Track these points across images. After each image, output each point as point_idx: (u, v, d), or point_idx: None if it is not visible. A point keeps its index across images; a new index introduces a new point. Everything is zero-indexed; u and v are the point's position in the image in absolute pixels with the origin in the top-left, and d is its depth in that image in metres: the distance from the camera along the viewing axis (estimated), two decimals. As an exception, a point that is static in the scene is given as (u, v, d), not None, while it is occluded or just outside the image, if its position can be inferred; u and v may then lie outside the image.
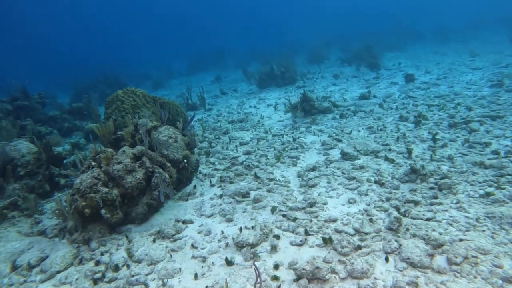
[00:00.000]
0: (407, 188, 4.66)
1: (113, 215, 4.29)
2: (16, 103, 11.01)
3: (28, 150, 6.04)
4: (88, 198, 4.14)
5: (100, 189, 4.26)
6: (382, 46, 19.48)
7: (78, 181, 4.28)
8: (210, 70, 26.94)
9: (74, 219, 4.21)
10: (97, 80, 20.81)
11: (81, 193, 4.20)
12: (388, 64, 16.23)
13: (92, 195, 4.17)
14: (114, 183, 4.46)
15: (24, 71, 37.54)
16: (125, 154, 4.69)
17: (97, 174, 4.33)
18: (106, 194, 4.25)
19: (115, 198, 4.29)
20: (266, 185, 5.32)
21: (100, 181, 4.32)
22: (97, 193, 4.22)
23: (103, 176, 4.38)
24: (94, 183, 4.27)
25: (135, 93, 7.18)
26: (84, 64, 34.22)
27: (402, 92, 10.46)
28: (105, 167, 4.49)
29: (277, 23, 51.95)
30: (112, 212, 4.30)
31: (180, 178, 5.50)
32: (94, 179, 4.29)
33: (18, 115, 10.82)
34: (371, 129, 7.39)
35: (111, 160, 4.55)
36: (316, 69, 18.08)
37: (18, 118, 10.56)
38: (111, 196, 4.27)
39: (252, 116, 10.11)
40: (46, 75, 32.54)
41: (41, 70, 38.30)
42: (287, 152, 6.64)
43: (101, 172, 4.40)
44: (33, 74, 33.94)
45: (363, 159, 5.88)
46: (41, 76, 32.80)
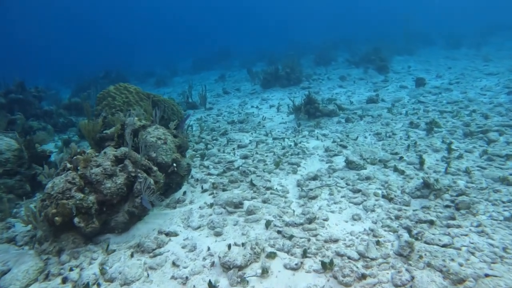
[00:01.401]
0: (419, 204, 4.15)
1: (87, 224, 3.83)
2: (10, 96, 10.61)
3: (8, 147, 5.61)
4: (60, 205, 3.69)
5: (74, 194, 3.80)
6: (391, 49, 18.90)
7: (50, 185, 3.83)
8: (215, 69, 26.48)
9: (44, 227, 3.76)
10: (100, 76, 20.45)
11: (52, 198, 3.75)
12: (397, 67, 15.66)
13: (64, 202, 3.71)
14: (92, 188, 4.00)
15: (32, 66, 37.40)
16: (106, 156, 4.23)
17: (71, 178, 3.87)
18: (81, 201, 3.79)
19: (90, 205, 3.83)
20: (262, 195, 4.84)
21: (74, 185, 3.86)
22: (71, 199, 3.76)
23: (79, 180, 3.92)
24: (67, 187, 3.81)
25: (128, 89, 6.74)
26: (90, 60, 33.97)
27: (412, 96, 9.92)
28: (82, 170, 4.03)
29: (285, 24, 51.43)
30: (87, 221, 3.84)
31: (169, 183, 5.03)
32: (68, 184, 3.83)
33: (12, 108, 10.44)
34: (378, 135, 6.88)
35: (89, 163, 4.09)
36: (323, 70, 17.56)
37: (11, 112, 10.18)
38: (86, 203, 3.81)
39: (253, 117, 9.63)
40: (52, 70, 32.30)
41: (48, 65, 38.07)
42: (287, 158, 6.15)
43: (77, 176, 3.94)
44: (40, 69, 33.78)
45: (370, 169, 5.37)
46: (47, 71, 32.60)
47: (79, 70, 25.15)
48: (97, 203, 3.96)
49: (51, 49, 54.11)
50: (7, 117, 8.47)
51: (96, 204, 3.92)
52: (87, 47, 52.68)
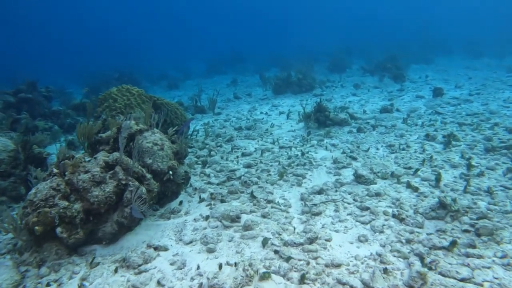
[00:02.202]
0: (434, 227, 3.74)
1: (71, 235, 3.57)
2: (19, 96, 10.62)
3: (3, 147, 5.46)
4: (42, 213, 3.44)
5: (57, 202, 3.55)
6: (408, 58, 18.35)
7: (33, 191, 3.60)
8: (229, 73, 26.40)
9: (24, 237, 3.52)
10: (112, 77, 20.56)
11: (34, 206, 3.51)
12: (414, 76, 15.13)
13: (46, 210, 3.47)
14: (78, 196, 3.75)
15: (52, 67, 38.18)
16: (96, 161, 3.98)
17: (56, 184, 3.63)
18: (65, 209, 3.54)
19: (75, 214, 3.58)
20: (261, 208, 4.50)
21: (59, 192, 3.61)
22: (54, 208, 3.52)
23: (64, 187, 3.68)
24: (51, 195, 3.57)
25: (130, 92, 6.54)
26: (107, 62, 34.39)
27: (429, 107, 9.43)
28: (69, 176, 3.79)
29: (301, 30, 51.16)
30: (71, 231, 3.59)
31: (164, 191, 4.75)
32: (52, 190, 3.59)
33: (21, 108, 10.43)
34: (391, 147, 6.46)
35: (77, 168, 3.85)
36: (337, 77, 17.15)
37: (20, 111, 10.17)
38: (70, 212, 3.56)
39: (261, 124, 9.31)
40: (71, 71, 32.79)
41: (68, 66, 38.80)
42: (292, 169, 5.80)
43: (63, 182, 3.70)
44: (60, 70, 34.36)
45: (380, 184, 4.97)
46: (66, 72, 33.12)
47: (94, 71, 25.36)
48: (83, 212, 3.70)
49: (72, 51, 55.25)
50: (12, 117, 8.40)
51: (81, 213, 3.67)
52: (104, 48, 53.62)
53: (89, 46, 56.20)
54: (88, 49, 53.09)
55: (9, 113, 8.66)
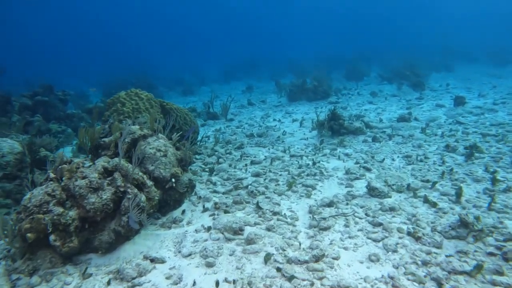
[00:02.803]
0: (454, 248, 3.39)
1: (64, 243, 3.42)
2: (36, 99, 10.79)
3: (10, 149, 5.43)
4: (35, 220, 3.32)
5: (52, 209, 3.42)
6: (428, 65, 17.80)
7: (28, 196, 3.48)
8: (244, 79, 26.38)
9: (17, 243, 3.39)
10: (130, 82, 20.79)
11: (28, 212, 3.39)
12: (434, 84, 14.61)
13: (39, 216, 3.34)
14: (74, 203, 3.61)
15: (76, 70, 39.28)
16: (94, 167, 3.85)
17: (51, 190, 3.51)
18: (59, 216, 3.40)
19: (69, 222, 3.43)
20: (267, 220, 4.25)
21: (54, 198, 3.48)
22: (47, 214, 3.38)
23: (60, 193, 3.55)
24: (45, 200, 3.44)
25: (139, 96, 6.45)
26: (125, 66, 35.03)
27: (450, 116, 8.98)
28: (66, 182, 3.66)
29: (319, 37, 50.92)
30: (64, 239, 3.44)
31: (167, 200, 4.58)
32: (47, 196, 3.46)
33: (36, 110, 10.59)
34: (408, 158, 6.10)
35: (75, 173, 3.72)
36: (353, 85, 16.80)
37: (35, 113, 10.32)
38: (64, 219, 3.42)
39: (273, 131, 9.09)
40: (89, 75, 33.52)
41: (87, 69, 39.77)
42: (302, 179, 5.53)
43: (58, 188, 3.57)
44: (78, 73, 35.22)
45: (395, 198, 4.64)
46: (84, 75, 33.89)
47: (113, 75, 25.75)
48: (78, 219, 3.56)
49: (94, 56, 56.82)
50: (25, 119, 8.49)
51: (77, 220, 3.52)
52: (124, 53, 54.88)
53: (110, 51, 57.70)
54: (109, 54, 54.46)
55: (23, 115, 8.77)
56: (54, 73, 31.58)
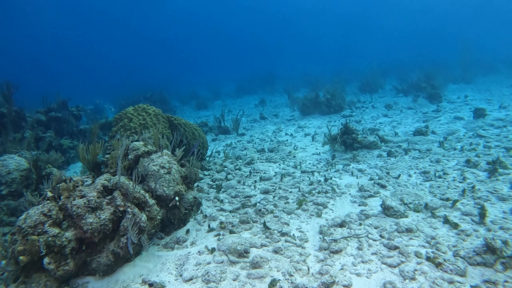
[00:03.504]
0: (480, 276, 3.07)
1: (59, 267, 3.28)
2: (49, 114, 10.96)
3: (16, 166, 5.42)
4: (29, 241, 3.19)
5: (47, 230, 3.29)
6: (445, 77, 17.35)
7: (23, 216, 3.37)
8: (258, 93, 26.44)
9: (10, 267, 3.27)
10: (144, 96, 21.05)
11: (22, 233, 3.27)
12: (452, 96, 14.17)
13: (34, 238, 3.21)
14: (71, 223, 3.48)
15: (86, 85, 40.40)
16: (93, 185, 3.73)
17: (47, 210, 3.39)
18: (54, 238, 3.27)
19: (65, 243, 3.30)
20: (274, 242, 4.02)
21: (50, 219, 3.36)
22: (43, 235, 3.26)
23: (56, 213, 3.43)
24: (41, 221, 3.32)
25: (146, 111, 6.39)
26: (141, 80, 35.73)
27: (469, 129, 8.58)
28: (63, 201, 3.55)
29: (333, 51, 50.92)
30: (59, 261, 3.30)
31: (170, 218, 4.41)
32: (43, 216, 3.35)
33: (50, 126, 10.74)
34: (426, 174, 5.77)
35: (73, 192, 3.61)
36: (368, 98, 16.52)
37: (48, 129, 10.46)
38: (60, 241, 3.28)
39: (285, 146, 8.88)
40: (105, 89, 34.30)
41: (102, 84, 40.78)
42: (313, 196, 5.28)
43: (55, 207, 3.45)
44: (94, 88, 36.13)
45: (412, 218, 4.33)
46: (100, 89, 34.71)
47: (128, 90, 26.13)
48: (75, 240, 3.42)
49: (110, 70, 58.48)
50: (37, 135, 8.57)
51: (73, 242, 3.38)
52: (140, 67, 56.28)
53: (125, 66, 59.31)
54: (125, 69, 55.97)
55: (36, 131, 8.87)
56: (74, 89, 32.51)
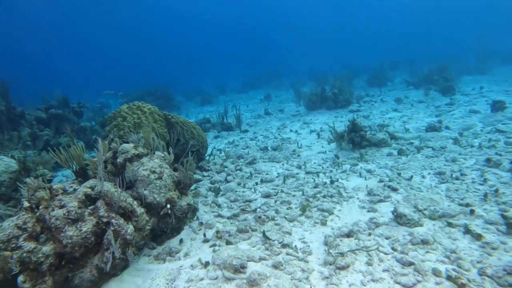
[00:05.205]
0: (510, 301, 2.65)
1: (35, 285, 2.94)
2: (49, 112, 10.71)
3: (6, 168, 5.13)
4: (1, 258, 2.87)
5: (21, 244, 2.96)
6: (458, 68, 16.63)
7: (-5, 231, 3.04)
8: (264, 88, 25.97)
9: (-20, 288, 2.95)
10: (148, 92, 20.72)
11: (-6, 250, 2.94)
12: (466, 88, 13.53)
13: (6, 254, 2.88)
14: (50, 236, 3.14)
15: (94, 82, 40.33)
16: (75, 194, 3.38)
17: (22, 222, 3.06)
18: (29, 253, 2.94)
19: (41, 259, 2.96)
20: (274, 254, 3.64)
21: (25, 232, 3.03)
22: (16, 251, 2.93)
23: (32, 225, 3.09)
24: (15, 235, 2.99)
25: (141, 109, 6.04)
26: (147, 75, 35.46)
27: (487, 123, 8.04)
28: (41, 211, 3.21)
29: (342, 45, 49.97)
30: (36, 279, 2.96)
31: (162, 227, 4.06)
32: (17, 229, 3.01)
33: (50, 123, 10.49)
34: (441, 175, 5.31)
35: (52, 202, 3.27)
36: (376, 91, 15.95)
37: (48, 127, 10.20)
38: (36, 257, 2.95)
39: (289, 144, 8.46)
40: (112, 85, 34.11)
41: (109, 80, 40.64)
42: (318, 201, 4.88)
43: (31, 219, 3.12)
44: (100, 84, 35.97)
45: (428, 226, 3.90)
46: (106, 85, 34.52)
47: (133, 85, 25.78)
48: (54, 255, 3.08)
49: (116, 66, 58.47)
50: (35, 133, 8.30)
51: (52, 257, 3.05)
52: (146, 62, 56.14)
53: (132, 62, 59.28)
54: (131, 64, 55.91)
55: (34, 129, 8.60)
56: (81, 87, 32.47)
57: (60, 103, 11.45)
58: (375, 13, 65.18)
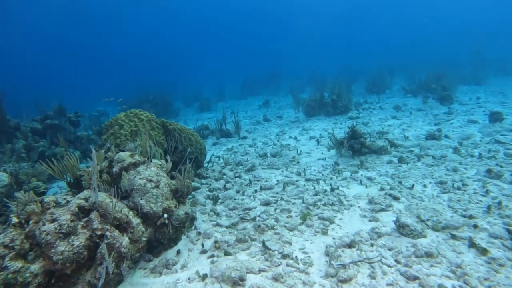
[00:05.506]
0: (518, 318, 2.57)
1: (24, 305, 2.83)
2: (45, 122, 10.57)
3: (-3, 180, 5.00)
4: (-16, 280, 2.75)
5: (7, 265, 2.82)
6: (455, 78, 16.69)
7: (-17, 245, 2.93)
8: (263, 94, 25.99)
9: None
10: (146, 99, 20.63)
11: (-20, 266, 2.83)
12: (463, 98, 13.57)
13: (-11, 276, 2.76)
14: (40, 252, 3.02)
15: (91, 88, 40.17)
16: (68, 206, 3.28)
17: (9, 240, 2.93)
18: (15, 274, 2.80)
19: (29, 280, 2.83)
20: (274, 266, 3.54)
21: (12, 250, 2.90)
22: (1, 272, 2.79)
23: (20, 242, 2.97)
24: (0, 254, 2.86)
25: (139, 117, 5.95)
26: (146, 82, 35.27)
27: (486, 134, 8.03)
28: (31, 227, 3.09)
29: (341, 50, 50.19)
30: (24, 299, 2.85)
31: (159, 238, 3.95)
32: (3, 249, 2.89)
33: (46, 134, 10.35)
34: (443, 185, 5.26)
35: (43, 216, 3.16)
36: (375, 98, 15.97)
37: (44, 138, 10.08)
38: (22, 277, 2.82)
39: (288, 151, 8.40)
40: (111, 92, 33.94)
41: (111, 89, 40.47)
42: (318, 209, 4.80)
43: (19, 236, 3.00)
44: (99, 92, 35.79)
45: (432, 238, 3.82)
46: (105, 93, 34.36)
47: (132, 92, 25.62)
48: (43, 274, 2.94)
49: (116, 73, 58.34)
50: (30, 145, 8.17)
51: (40, 276, 2.91)
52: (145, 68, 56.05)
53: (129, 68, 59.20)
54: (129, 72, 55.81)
55: (28, 140, 8.47)
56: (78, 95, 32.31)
57: (57, 112, 11.28)
58: (374, 19, 65.77)
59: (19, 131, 9.48)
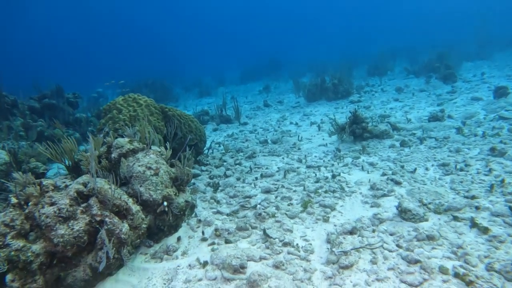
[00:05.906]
0: (521, 299, 2.55)
1: (25, 284, 2.84)
2: (43, 102, 10.46)
3: (-4, 163, 5.01)
4: (-12, 258, 2.77)
5: (9, 242, 2.85)
6: (459, 55, 16.37)
7: (-17, 232, 2.93)
8: (263, 79, 25.70)
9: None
10: (145, 84, 20.44)
11: (-20, 248, 2.84)
12: (467, 75, 13.33)
13: (-7, 253, 2.78)
14: (40, 234, 3.03)
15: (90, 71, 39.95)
16: (66, 190, 3.27)
17: (9, 219, 2.94)
18: (18, 252, 2.82)
19: (31, 258, 2.86)
20: (275, 253, 3.53)
21: (13, 229, 2.91)
22: (4, 249, 2.82)
23: (21, 222, 2.98)
24: (1, 232, 2.88)
25: (137, 101, 5.89)
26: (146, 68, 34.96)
27: (490, 111, 7.90)
28: (30, 209, 3.10)
29: (342, 35, 49.25)
30: (26, 278, 2.86)
31: (159, 225, 3.96)
32: (4, 227, 2.90)
33: (44, 114, 10.27)
34: (445, 167, 5.19)
35: (41, 198, 3.15)
36: (376, 81, 15.73)
37: (43, 117, 10.00)
38: (25, 256, 2.84)
39: (289, 137, 8.33)
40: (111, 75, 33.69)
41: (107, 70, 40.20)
42: (319, 196, 4.76)
43: (20, 216, 3.01)
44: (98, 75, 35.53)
45: (433, 221, 3.79)
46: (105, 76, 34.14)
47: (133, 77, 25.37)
48: (45, 254, 2.97)
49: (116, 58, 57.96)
50: (28, 123, 8.12)
51: (42, 256, 2.93)
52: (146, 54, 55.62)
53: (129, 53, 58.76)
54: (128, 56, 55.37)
55: (27, 119, 8.43)
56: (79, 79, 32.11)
57: (54, 93, 11.14)
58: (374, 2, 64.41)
59: (16, 108, 9.42)
